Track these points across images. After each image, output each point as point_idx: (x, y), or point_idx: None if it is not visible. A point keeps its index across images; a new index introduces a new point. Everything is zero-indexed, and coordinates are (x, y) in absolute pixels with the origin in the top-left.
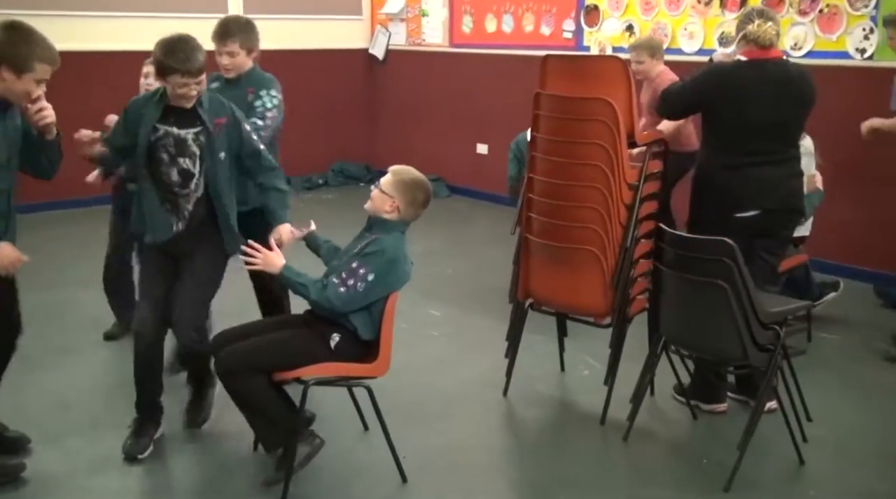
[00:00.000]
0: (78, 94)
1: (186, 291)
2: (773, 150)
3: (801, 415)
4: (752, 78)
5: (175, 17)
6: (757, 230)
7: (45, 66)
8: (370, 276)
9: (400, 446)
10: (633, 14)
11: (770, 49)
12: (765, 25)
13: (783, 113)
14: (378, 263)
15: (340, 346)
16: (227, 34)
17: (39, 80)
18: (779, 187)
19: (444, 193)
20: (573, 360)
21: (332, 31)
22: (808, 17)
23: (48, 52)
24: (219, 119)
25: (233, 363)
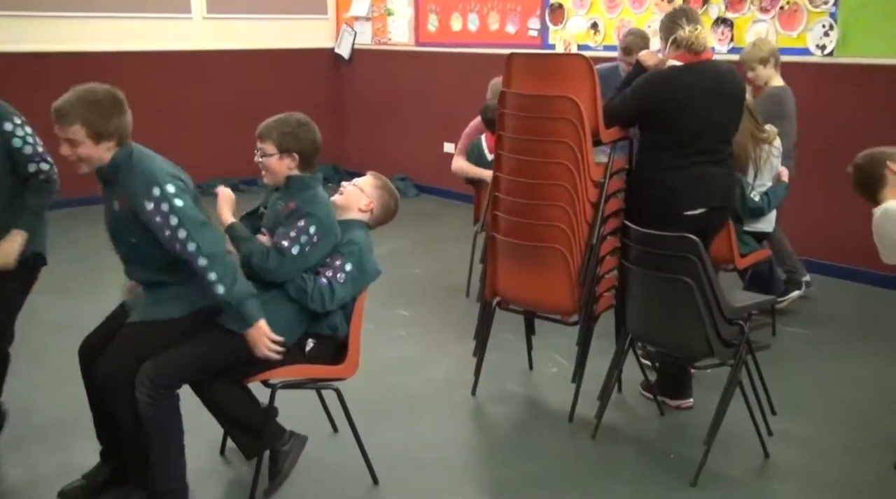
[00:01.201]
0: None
1: None
2: (715, 149)
3: (766, 409)
4: (690, 83)
5: (136, 18)
6: (700, 227)
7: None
8: (348, 265)
9: (369, 446)
10: (598, 12)
11: (702, 53)
12: (696, 31)
13: (721, 114)
14: (354, 254)
15: (314, 351)
16: None
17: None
18: (722, 186)
19: (412, 193)
20: (541, 358)
21: (298, 31)
22: (769, 14)
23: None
24: None
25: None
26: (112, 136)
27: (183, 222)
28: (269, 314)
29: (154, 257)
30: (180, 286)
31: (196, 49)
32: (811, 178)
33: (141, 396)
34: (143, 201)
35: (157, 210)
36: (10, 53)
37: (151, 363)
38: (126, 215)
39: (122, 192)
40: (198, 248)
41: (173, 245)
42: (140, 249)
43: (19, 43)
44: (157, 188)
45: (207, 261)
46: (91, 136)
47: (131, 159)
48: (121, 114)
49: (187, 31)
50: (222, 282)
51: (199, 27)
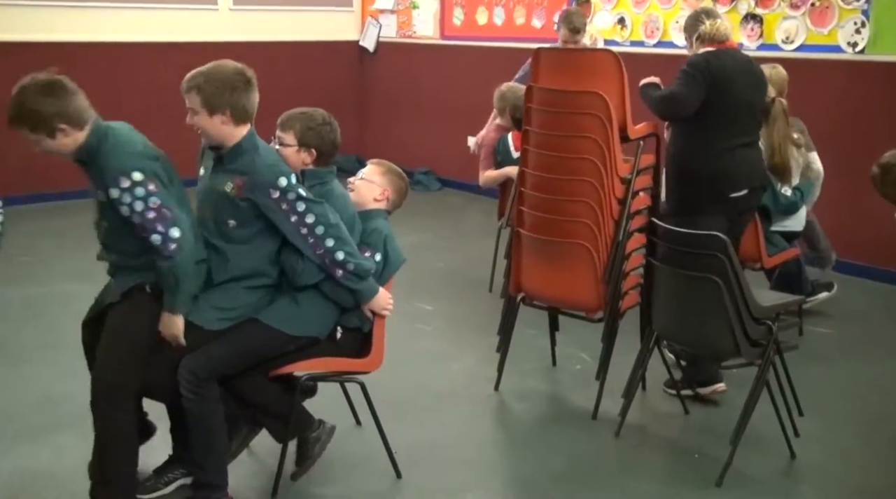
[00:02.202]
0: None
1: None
2: (750, 131)
3: (792, 409)
4: (726, 63)
5: (164, 9)
6: (742, 208)
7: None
8: (378, 255)
9: (392, 440)
10: (625, 7)
11: (726, 42)
12: (717, 23)
13: (753, 95)
14: (379, 244)
15: (341, 342)
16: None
17: None
18: (760, 167)
19: (436, 187)
20: (565, 354)
21: (323, 23)
22: (799, 11)
23: None
24: None
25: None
26: (225, 110)
27: (311, 209)
28: (303, 310)
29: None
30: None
31: (222, 41)
32: (839, 176)
33: (184, 391)
34: (268, 190)
35: (282, 199)
36: (38, 43)
37: (191, 358)
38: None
39: (240, 174)
40: (336, 242)
41: (299, 233)
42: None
43: (47, 32)
44: (284, 179)
45: (342, 251)
46: (205, 105)
47: (253, 144)
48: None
49: (213, 22)
50: (352, 259)
51: (225, 19)
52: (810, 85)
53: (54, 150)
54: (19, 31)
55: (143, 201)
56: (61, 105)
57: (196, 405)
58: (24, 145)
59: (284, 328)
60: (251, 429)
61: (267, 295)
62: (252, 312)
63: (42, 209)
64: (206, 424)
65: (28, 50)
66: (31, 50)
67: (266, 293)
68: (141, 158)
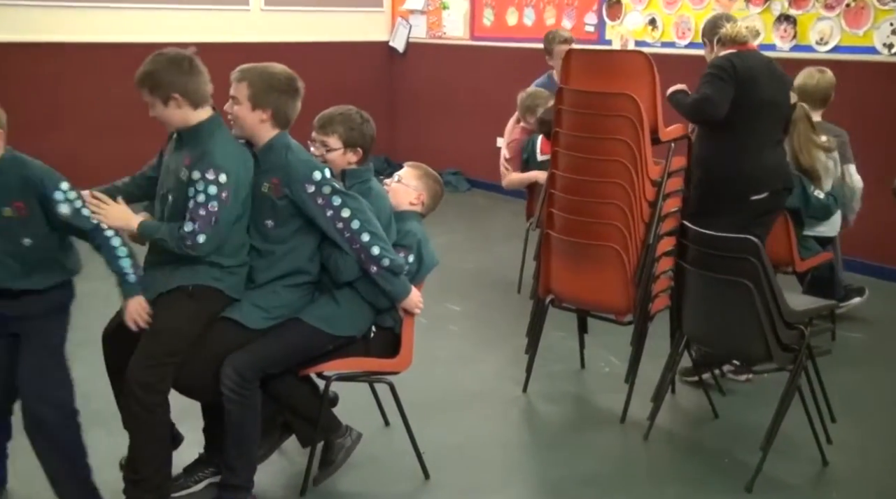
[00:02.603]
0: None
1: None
2: (774, 131)
3: (825, 416)
4: (750, 62)
5: (197, 9)
6: (764, 210)
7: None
8: (410, 257)
9: (420, 441)
10: (656, 7)
11: (747, 44)
12: (737, 25)
13: (777, 94)
14: (413, 245)
15: (374, 340)
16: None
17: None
18: (784, 169)
19: (464, 187)
20: (593, 357)
21: (353, 24)
22: (834, 12)
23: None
24: None
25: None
26: (268, 109)
27: (347, 204)
28: (342, 309)
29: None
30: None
31: (253, 41)
32: (874, 180)
33: (226, 391)
34: (303, 185)
35: (318, 193)
36: (72, 44)
37: (236, 357)
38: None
39: (274, 173)
40: (372, 237)
41: (335, 227)
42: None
43: (82, 33)
44: (318, 173)
45: (377, 245)
46: (250, 98)
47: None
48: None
49: (245, 23)
50: (387, 254)
51: (256, 19)
52: (845, 87)
53: (162, 117)
54: (56, 32)
55: (208, 197)
56: (182, 79)
57: (237, 406)
58: (60, 143)
59: (326, 327)
60: (282, 433)
61: (308, 293)
62: (294, 310)
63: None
64: (243, 425)
65: (63, 50)
66: (67, 50)
67: (307, 291)
68: (237, 166)
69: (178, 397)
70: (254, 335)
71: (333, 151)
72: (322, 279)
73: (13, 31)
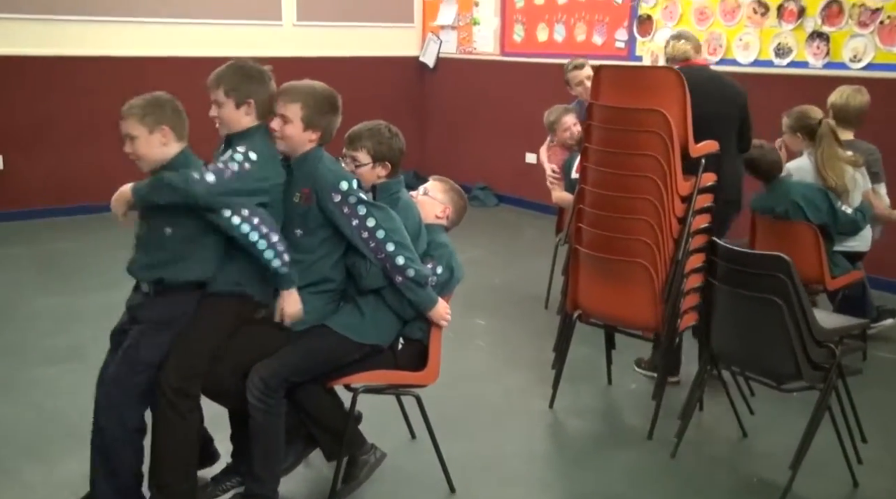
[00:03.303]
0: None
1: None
2: (722, 144)
3: (855, 436)
4: (693, 77)
5: (227, 24)
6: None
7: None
8: (439, 268)
9: (445, 455)
10: (688, 24)
11: (688, 61)
12: (678, 44)
13: (725, 107)
14: (444, 257)
15: (402, 353)
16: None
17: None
18: (728, 180)
19: (492, 202)
20: (621, 373)
21: (384, 39)
22: (867, 29)
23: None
24: None
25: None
26: (318, 130)
27: (372, 213)
28: (368, 317)
29: (323, 258)
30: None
31: (286, 55)
32: None
33: (252, 399)
34: (330, 194)
35: (344, 202)
36: (116, 58)
37: (263, 365)
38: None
39: (305, 183)
40: (397, 247)
41: (360, 236)
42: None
43: (123, 47)
44: (345, 183)
45: (402, 255)
46: (304, 119)
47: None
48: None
49: (278, 37)
50: (413, 265)
51: (289, 34)
52: (880, 104)
53: (225, 118)
54: (104, 46)
55: (232, 160)
56: (259, 89)
57: (262, 414)
58: (96, 157)
59: (352, 335)
60: (306, 445)
61: (333, 301)
62: (320, 317)
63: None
64: (268, 434)
65: (105, 64)
66: (108, 64)
67: (332, 298)
68: (268, 155)
69: (208, 407)
70: (280, 343)
71: (363, 165)
72: (348, 288)
73: (52, 45)
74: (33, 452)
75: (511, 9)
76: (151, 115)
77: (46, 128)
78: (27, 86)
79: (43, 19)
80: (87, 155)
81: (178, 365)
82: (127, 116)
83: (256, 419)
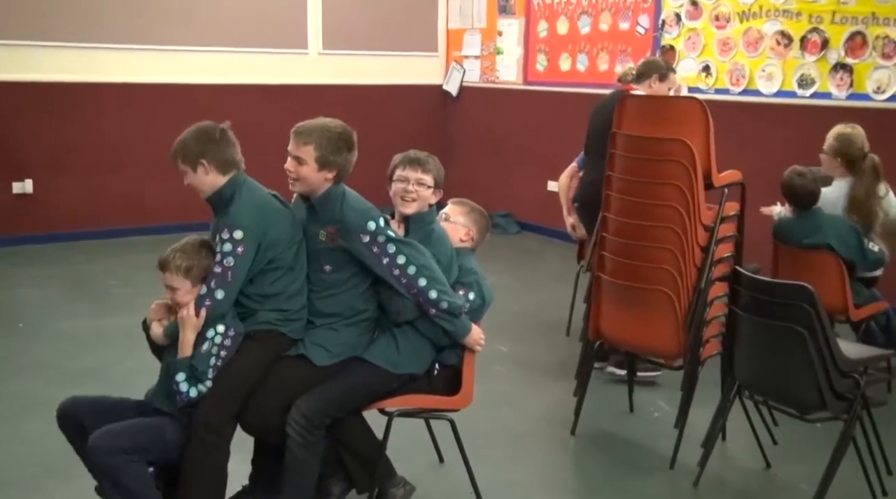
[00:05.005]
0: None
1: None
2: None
3: (880, 468)
4: (610, 98)
5: (253, 52)
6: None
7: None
8: (471, 294)
9: None
10: (710, 55)
11: (628, 85)
12: (625, 68)
13: (604, 131)
14: (474, 284)
15: (437, 377)
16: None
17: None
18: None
19: (514, 230)
20: (642, 401)
21: (408, 67)
22: (892, 61)
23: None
24: None
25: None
26: (334, 169)
27: (402, 250)
28: (403, 348)
29: (353, 290)
30: (351, 330)
31: (312, 83)
32: None
33: (293, 432)
34: (358, 234)
35: (373, 242)
36: (142, 84)
37: (305, 400)
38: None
39: (330, 223)
40: (429, 281)
41: (392, 274)
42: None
43: (149, 74)
44: (373, 223)
45: (435, 289)
46: (318, 160)
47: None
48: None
49: (304, 65)
50: (445, 297)
51: (314, 62)
52: None
53: (198, 186)
54: (128, 73)
55: (223, 255)
56: (211, 148)
57: (301, 448)
58: (122, 181)
59: (390, 367)
60: (343, 489)
61: (368, 331)
62: (355, 348)
63: (141, 242)
64: (304, 468)
65: (129, 90)
66: (132, 90)
67: (367, 328)
68: (254, 220)
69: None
70: (319, 376)
71: (428, 187)
72: (382, 318)
73: (78, 72)
74: (56, 471)
75: (534, 39)
76: (192, 151)
77: (73, 152)
78: (55, 112)
79: (68, 47)
80: (112, 179)
81: (212, 406)
82: (174, 157)
83: (295, 453)
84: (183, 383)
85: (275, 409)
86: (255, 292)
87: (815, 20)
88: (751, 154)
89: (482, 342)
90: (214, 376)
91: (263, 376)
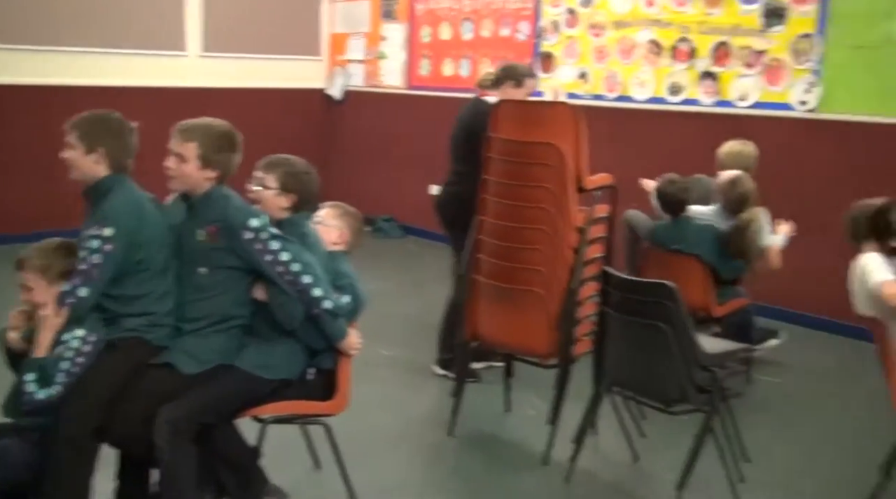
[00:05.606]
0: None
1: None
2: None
3: (738, 455)
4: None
5: (131, 54)
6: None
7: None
8: (345, 298)
9: None
10: (587, 62)
11: (483, 91)
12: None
13: (455, 135)
14: (348, 287)
15: (313, 382)
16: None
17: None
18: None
19: (397, 234)
20: (518, 400)
21: (291, 71)
22: (754, 70)
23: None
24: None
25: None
26: (216, 168)
27: (286, 248)
28: (276, 353)
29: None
30: (223, 337)
31: (191, 86)
32: None
33: (160, 441)
34: (241, 232)
35: (256, 239)
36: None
37: (170, 408)
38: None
39: (211, 222)
40: (314, 279)
41: (276, 271)
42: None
43: (29, 76)
44: (255, 220)
45: (319, 287)
46: (200, 158)
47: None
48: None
49: (183, 68)
50: (328, 297)
51: (194, 64)
52: (764, 141)
53: (77, 166)
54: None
55: (91, 251)
56: (116, 143)
57: (170, 457)
58: None
59: (262, 373)
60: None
61: (237, 337)
62: (224, 355)
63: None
64: (178, 478)
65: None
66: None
67: (236, 335)
68: (128, 218)
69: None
70: (187, 384)
71: (268, 189)
72: (254, 324)
73: None
74: None
75: (418, 44)
76: (96, 134)
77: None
78: None
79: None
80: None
81: (73, 419)
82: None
83: (166, 464)
84: (32, 383)
85: (139, 420)
86: (122, 293)
87: (684, 30)
88: (624, 158)
89: (358, 346)
90: (75, 387)
91: (126, 387)
